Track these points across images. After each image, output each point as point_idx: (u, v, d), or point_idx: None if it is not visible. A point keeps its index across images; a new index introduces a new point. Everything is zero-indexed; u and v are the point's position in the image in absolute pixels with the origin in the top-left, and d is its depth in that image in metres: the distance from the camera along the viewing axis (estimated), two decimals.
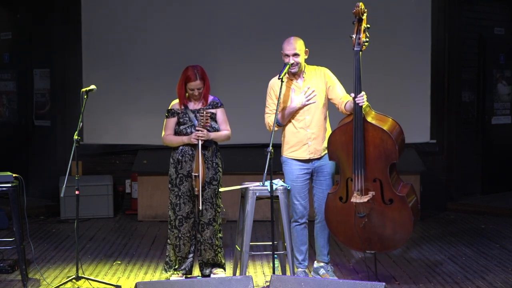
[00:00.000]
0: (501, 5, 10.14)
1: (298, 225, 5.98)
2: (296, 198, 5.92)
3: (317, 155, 5.89)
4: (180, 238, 6.05)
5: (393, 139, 5.58)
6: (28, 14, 9.78)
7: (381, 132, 5.60)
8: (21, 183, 6.07)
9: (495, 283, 6.02)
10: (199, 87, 5.96)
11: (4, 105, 10.33)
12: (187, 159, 5.99)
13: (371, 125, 5.62)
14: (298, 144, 5.88)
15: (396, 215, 5.67)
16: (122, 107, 9.34)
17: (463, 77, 9.70)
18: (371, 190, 5.65)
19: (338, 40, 9.05)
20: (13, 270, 6.38)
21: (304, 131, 5.86)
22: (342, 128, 5.72)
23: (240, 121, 8.40)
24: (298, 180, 5.91)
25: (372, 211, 5.69)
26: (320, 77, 5.90)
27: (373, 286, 4.49)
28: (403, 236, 5.72)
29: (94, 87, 6.11)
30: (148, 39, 9.31)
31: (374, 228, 5.72)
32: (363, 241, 5.74)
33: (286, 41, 5.84)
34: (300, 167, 5.91)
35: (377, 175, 5.64)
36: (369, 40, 5.66)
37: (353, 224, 5.71)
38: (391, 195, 5.65)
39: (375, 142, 5.62)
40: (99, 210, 9.00)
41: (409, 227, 5.67)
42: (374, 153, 5.62)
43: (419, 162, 8.98)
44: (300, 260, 6.03)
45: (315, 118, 5.86)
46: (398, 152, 5.59)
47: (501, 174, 10.11)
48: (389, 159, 5.62)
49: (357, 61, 5.60)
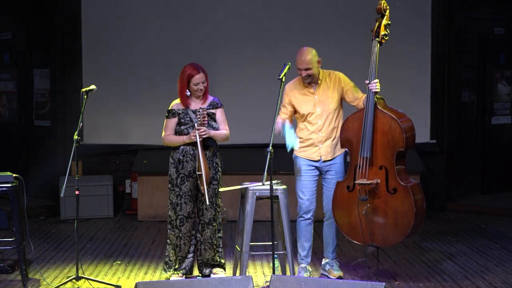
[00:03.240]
0: (501, 5, 10.13)
1: (302, 220, 6.08)
2: (302, 193, 6.04)
3: (328, 157, 6.04)
4: (181, 238, 6.05)
5: (401, 127, 5.73)
6: (28, 14, 9.78)
7: (391, 119, 5.77)
8: (21, 183, 6.07)
9: (495, 283, 6.02)
10: (203, 80, 5.99)
11: (4, 105, 10.33)
12: (188, 159, 5.99)
13: (381, 112, 5.81)
14: (310, 147, 6.05)
15: (398, 205, 5.76)
16: (122, 107, 9.34)
17: (463, 77, 9.69)
18: (377, 177, 5.77)
19: (338, 41, 9.11)
20: (13, 270, 6.37)
21: (315, 134, 6.02)
22: (355, 115, 5.93)
23: (240, 122, 8.41)
24: (304, 176, 6.05)
25: (376, 200, 5.78)
26: (335, 83, 6.04)
27: (373, 286, 4.49)
28: (404, 228, 5.77)
29: (94, 87, 6.11)
30: (148, 40, 9.31)
31: (376, 218, 5.80)
32: (365, 232, 5.80)
33: (298, 55, 5.96)
34: (307, 164, 6.06)
35: (384, 162, 5.79)
36: (388, 35, 5.93)
37: (357, 212, 5.79)
38: (395, 184, 5.76)
39: (384, 129, 5.79)
40: (99, 210, 9.00)
41: (410, 219, 5.73)
42: (382, 140, 5.79)
43: (419, 162, 8.98)
44: (302, 256, 6.13)
45: (327, 123, 6.02)
46: (405, 140, 5.72)
47: (501, 174, 10.11)
48: (396, 146, 5.75)
49: (374, 51, 5.86)
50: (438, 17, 9.40)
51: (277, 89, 5.71)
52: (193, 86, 5.99)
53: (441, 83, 9.49)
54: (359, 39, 8.34)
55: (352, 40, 9.00)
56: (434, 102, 9.46)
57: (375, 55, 5.87)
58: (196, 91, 6.01)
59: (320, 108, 5.99)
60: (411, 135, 5.85)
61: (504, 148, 10.17)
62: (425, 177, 9.01)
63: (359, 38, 8.23)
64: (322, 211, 6.18)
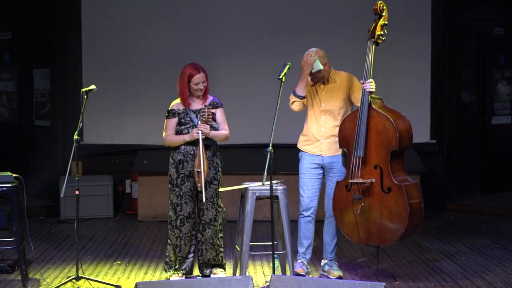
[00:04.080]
0: (501, 5, 10.14)
1: (302, 217, 6.11)
2: (303, 190, 6.09)
3: (329, 153, 6.06)
4: (181, 238, 6.05)
5: (394, 127, 5.74)
6: (28, 14, 9.78)
7: (384, 119, 5.79)
8: (21, 183, 6.06)
9: (495, 283, 6.02)
10: (204, 80, 5.99)
11: (4, 105, 10.33)
12: (188, 159, 5.99)
13: (376, 112, 5.83)
14: (312, 139, 6.11)
15: (393, 204, 5.77)
16: (122, 107, 9.34)
17: (463, 77, 9.70)
18: (372, 176, 5.79)
19: (338, 38, 9.10)
20: (13, 270, 6.37)
21: (318, 129, 6.07)
22: (352, 115, 5.98)
23: (240, 121, 8.41)
24: (307, 173, 6.10)
25: (371, 199, 5.80)
26: (343, 82, 6.11)
27: (373, 286, 4.49)
28: (399, 228, 5.76)
29: (94, 87, 6.11)
30: (148, 39, 9.31)
31: (372, 218, 5.82)
32: (361, 231, 5.83)
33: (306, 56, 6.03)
34: (310, 161, 6.10)
35: (378, 161, 5.80)
36: (385, 35, 5.92)
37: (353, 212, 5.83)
38: (390, 184, 5.78)
39: (378, 128, 5.81)
40: (99, 210, 9.00)
41: (404, 219, 5.72)
42: (376, 140, 5.81)
43: (419, 162, 8.98)
44: (300, 252, 6.17)
45: (331, 119, 6.06)
46: (398, 140, 5.72)
47: (501, 174, 10.11)
48: (389, 146, 5.77)
49: (369, 51, 5.89)
50: (438, 17, 9.41)
51: (277, 89, 5.71)
52: (193, 86, 5.99)
53: (441, 83, 9.49)
54: (359, 39, 8.33)
55: (352, 40, 8.98)
56: (434, 102, 9.46)
57: (370, 55, 5.89)
58: (196, 91, 6.00)
59: (325, 104, 6.05)
60: (406, 135, 5.84)
61: (504, 148, 10.17)
62: (425, 177, 9.01)
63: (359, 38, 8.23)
64: (323, 210, 6.19)
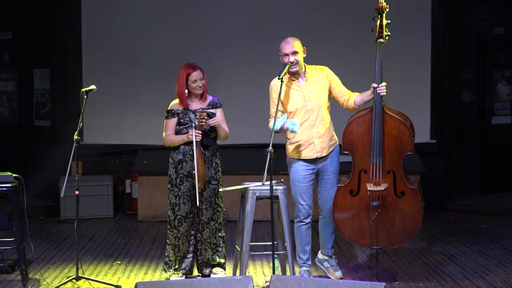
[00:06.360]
0: (501, 5, 10.13)
1: (303, 225, 6.03)
2: (302, 199, 5.95)
3: (324, 153, 5.93)
4: (179, 238, 6.05)
5: (410, 130, 5.73)
6: (28, 14, 9.78)
7: (399, 123, 5.75)
8: (21, 183, 6.07)
9: (495, 283, 6.02)
10: (201, 77, 5.98)
11: (4, 105, 10.33)
12: (188, 159, 5.99)
13: (389, 116, 5.77)
14: (305, 144, 5.90)
15: (407, 207, 5.77)
16: (122, 107, 9.34)
17: (463, 77, 9.69)
18: (385, 182, 5.76)
19: (336, 42, 9.11)
20: (13, 270, 6.37)
21: (309, 130, 5.89)
22: (359, 119, 5.85)
23: (240, 122, 8.42)
24: (304, 181, 5.95)
25: (384, 204, 5.77)
26: (322, 77, 5.96)
27: (373, 286, 4.49)
28: (412, 230, 5.79)
29: (94, 87, 6.11)
30: (148, 40, 9.32)
31: (383, 222, 5.80)
32: (372, 235, 5.78)
33: (284, 41, 5.91)
34: (305, 168, 5.94)
35: (392, 166, 5.77)
36: (389, 34, 5.87)
37: (365, 216, 5.79)
38: (403, 188, 5.76)
39: (392, 132, 5.76)
40: (99, 210, 9.00)
41: (418, 221, 5.77)
42: (391, 144, 5.76)
43: (419, 162, 8.98)
44: (304, 259, 6.08)
45: (319, 117, 5.90)
46: (413, 144, 5.73)
47: (501, 174, 10.11)
48: (404, 150, 5.75)
49: (379, 52, 5.80)
50: (438, 17, 9.40)
51: None
52: (192, 84, 5.98)
53: (441, 83, 9.49)
54: (359, 39, 8.34)
55: (352, 40, 9.00)
56: (434, 102, 9.46)
57: (380, 56, 5.79)
58: (195, 89, 5.99)
59: (311, 103, 5.87)
60: (414, 138, 5.84)
61: (504, 148, 10.17)
62: (425, 177, 9.01)
63: (359, 38, 8.24)
64: (317, 209, 6.10)
